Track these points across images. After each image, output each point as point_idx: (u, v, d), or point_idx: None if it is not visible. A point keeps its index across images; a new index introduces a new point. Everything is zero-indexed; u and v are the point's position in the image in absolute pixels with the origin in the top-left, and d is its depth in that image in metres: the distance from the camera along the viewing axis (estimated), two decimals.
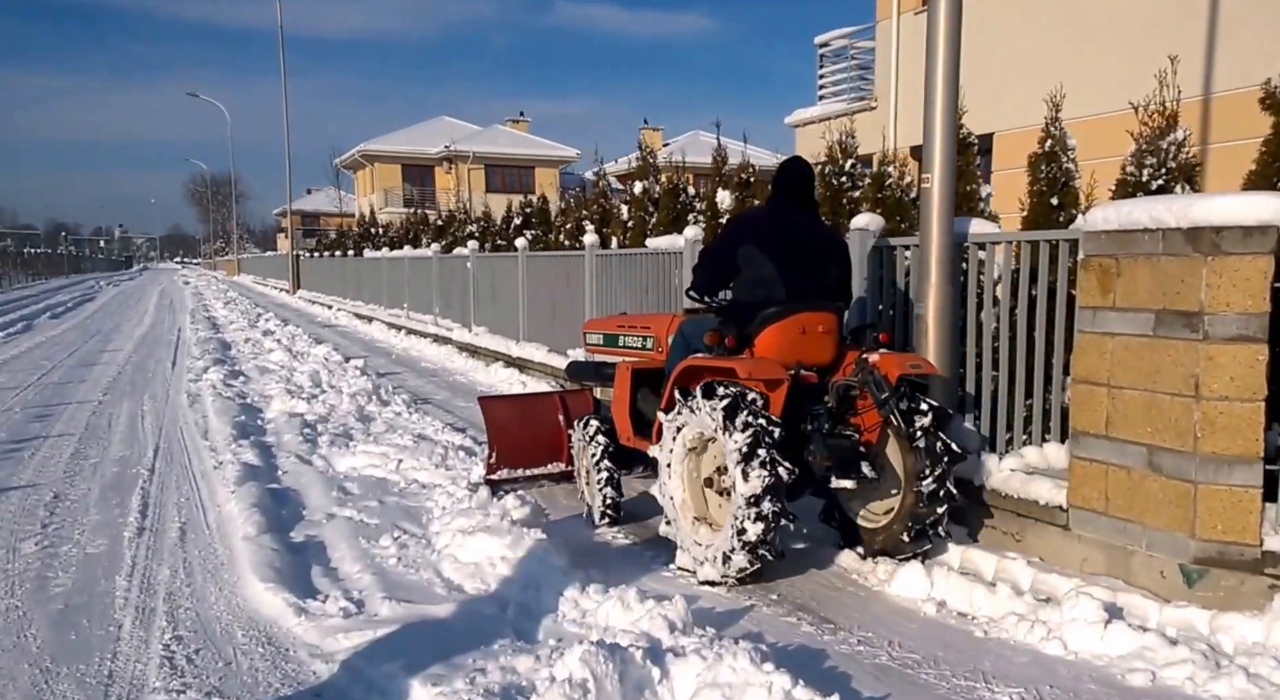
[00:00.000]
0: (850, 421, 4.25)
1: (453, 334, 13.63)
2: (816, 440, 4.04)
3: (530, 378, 10.31)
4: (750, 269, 4.29)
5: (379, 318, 18.57)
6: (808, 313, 4.26)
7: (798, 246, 4.32)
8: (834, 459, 4.00)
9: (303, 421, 7.96)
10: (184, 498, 5.78)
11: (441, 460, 6.26)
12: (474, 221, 15.33)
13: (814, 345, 4.27)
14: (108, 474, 6.37)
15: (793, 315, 4.22)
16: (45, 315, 22.38)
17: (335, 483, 5.90)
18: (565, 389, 6.09)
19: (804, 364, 4.22)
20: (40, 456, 6.86)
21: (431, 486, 5.75)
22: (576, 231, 10.86)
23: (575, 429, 5.31)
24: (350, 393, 8.93)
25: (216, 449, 7.09)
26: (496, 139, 46.87)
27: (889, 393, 3.99)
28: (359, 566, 4.28)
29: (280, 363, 11.91)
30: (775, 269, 4.24)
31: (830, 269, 4.43)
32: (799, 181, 4.52)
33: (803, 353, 4.23)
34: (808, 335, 4.24)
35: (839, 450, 4.06)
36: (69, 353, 14.06)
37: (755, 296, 4.28)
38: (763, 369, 3.98)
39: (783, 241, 4.30)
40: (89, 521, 5.20)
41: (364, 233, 24.67)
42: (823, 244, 4.46)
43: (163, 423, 8.34)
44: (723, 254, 4.41)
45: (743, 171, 7.73)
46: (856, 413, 4.27)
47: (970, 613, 3.78)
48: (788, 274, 4.25)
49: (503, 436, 5.67)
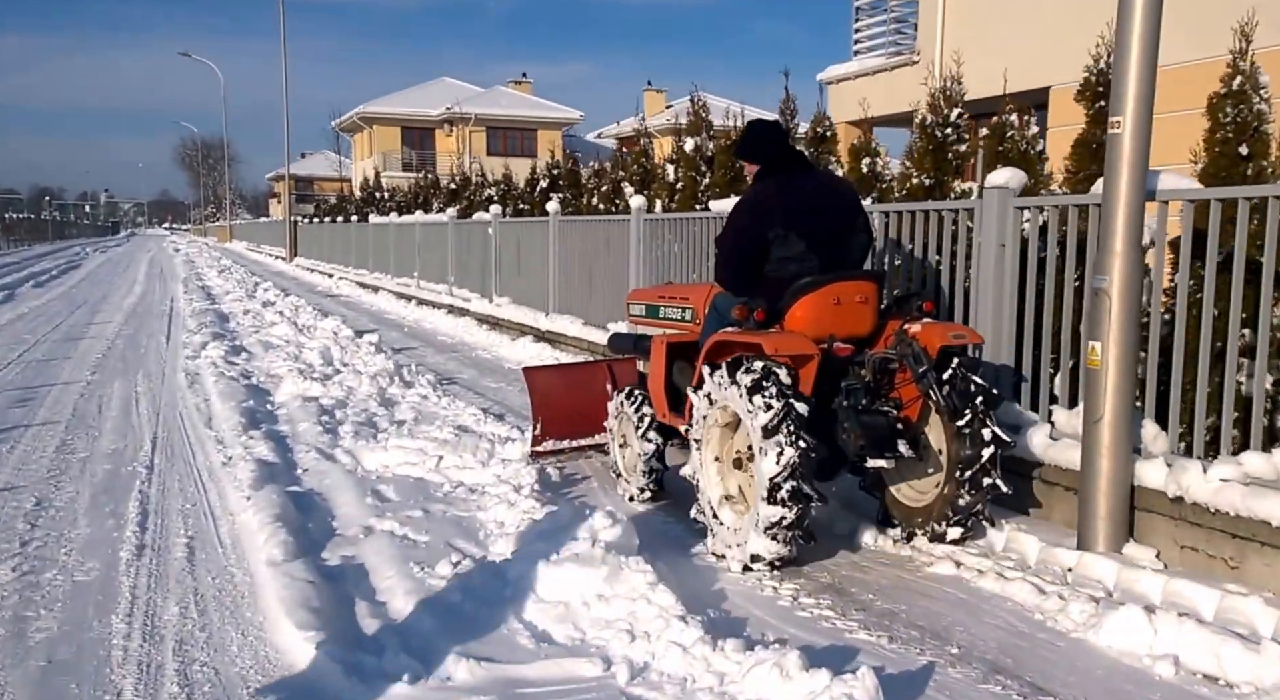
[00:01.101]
0: (889, 396, 4.01)
1: (470, 305, 12.70)
2: (850, 417, 3.82)
3: (563, 353, 9.42)
4: (779, 249, 4.10)
5: (386, 287, 17.61)
6: (843, 282, 4.04)
7: (823, 214, 4.14)
8: (868, 437, 3.79)
9: (319, 407, 7.07)
10: (190, 504, 4.90)
11: (488, 457, 5.38)
12: (492, 184, 14.29)
13: (849, 316, 4.05)
14: (99, 473, 5.48)
15: (826, 286, 4.01)
16: (28, 283, 21.30)
17: (367, 485, 5.02)
18: (612, 359, 5.83)
19: (838, 336, 4.01)
20: (21, 451, 5.96)
21: (480, 490, 4.88)
22: (614, 194, 9.90)
23: (615, 400, 5.11)
24: (371, 374, 8.02)
25: (224, 441, 6.19)
26: (498, 100, 45.51)
27: (928, 365, 3.77)
28: (415, 603, 3.41)
29: (285, 337, 10.98)
30: (806, 245, 4.06)
31: (856, 231, 4.25)
32: (784, 141, 4.35)
33: (837, 325, 4.02)
34: (842, 306, 4.02)
35: (874, 427, 3.83)
36: (53, 325, 13.09)
37: (787, 271, 4.09)
38: (790, 344, 3.79)
39: (808, 213, 4.10)
40: (77, 537, 4.32)
41: (367, 197, 23.57)
42: (844, 204, 4.27)
43: (160, 407, 7.43)
44: (748, 244, 4.16)
45: (818, 125, 6.78)
46: (895, 387, 4.03)
47: (1223, 678, 2.93)
48: (817, 246, 4.07)
49: (547, 407, 5.50)
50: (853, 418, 3.82)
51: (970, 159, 5.64)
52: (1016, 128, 5.16)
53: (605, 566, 3.16)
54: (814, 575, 3.87)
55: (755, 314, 3.89)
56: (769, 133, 4.38)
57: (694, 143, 8.34)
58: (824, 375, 3.85)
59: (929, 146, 5.66)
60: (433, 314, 14.22)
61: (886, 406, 3.96)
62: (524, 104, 45.96)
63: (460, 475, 5.16)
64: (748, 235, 4.16)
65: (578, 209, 10.83)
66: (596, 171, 10.71)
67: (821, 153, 6.78)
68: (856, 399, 3.87)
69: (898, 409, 3.98)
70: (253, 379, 8.48)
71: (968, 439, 3.78)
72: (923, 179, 5.63)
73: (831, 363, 3.93)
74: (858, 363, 4.00)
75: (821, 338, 3.94)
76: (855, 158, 6.20)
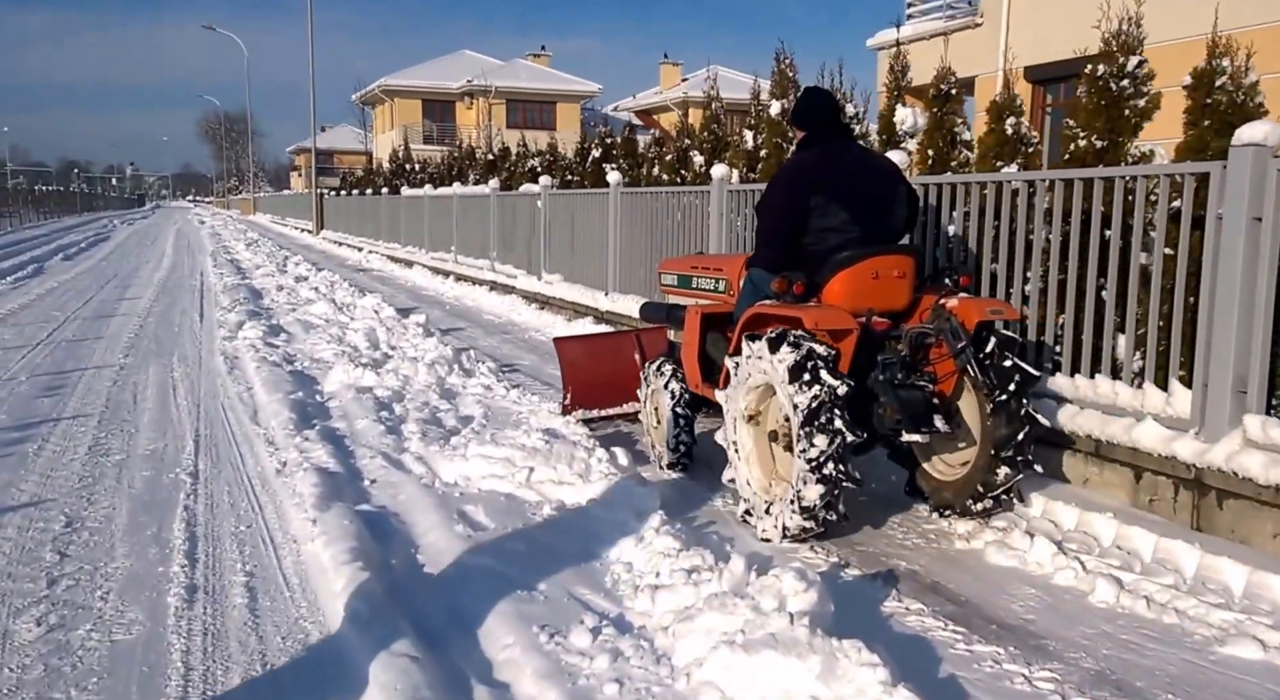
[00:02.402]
0: (925, 370, 3.97)
1: (516, 282, 11.93)
2: (886, 391, 3.81)
3: None
4: (820, 219, 4.04)
5: (421, 262, 16.88)
6: (881, 257, 4.00)
7: (865, 186, 4.10)
8: (904, 411, 3.78)
9: (375, 399, 6.34)
10: (244, 525, 4.17)
11: (585, 468, 4.61)
12: (536, 154, 13.44)
13: (887, 290, 4.02)
14: (137, 482, 4.77)
15: (865, 260, 3.97)
16: (57, 257, 20.73)
17: (450, 504, 4.27)
18: (641, 328, 5.81)
19: (875, 311, 4.01)
20: (50, 452, 5.26)
21: (587, 513, 4.11)
22: (679, 163, 9.05)
23: (647, 371, 5.10)
24: (428, 361, 7.26)
25: (274, 441, 5.47)
26: (518, 73, 44.64)
27: (965, 341, 3.73)
28: (554, 694, 2.64)
29: (325, 316, 10.26)
30: (849, 216, 4.01)
31: (897, 203, 4.19)
32: (834, 111, 4.28)
33: (875, 299, 4.00)
34: (881, 280, 4.00)
35: (910, 402, 3.81)
36: (83, 301, 12.45)
37: (826, 244, 4.04)
38: (830, 318, 3.77)
39: (851, 184, 4.06)
40: (114, 574, 3.60)
41: (397, 169, 22.76)
42: (886, 177, 4.21)
43: (199, 397, 6.73)
44: (791, 210, 4.08)
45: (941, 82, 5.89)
46: (931, 361, 3.99)
47: None
48: (860, 218, 4.03)
49: (577, 376, 5.61)
50: (889, 392, 3.79)
51: (1149, 116, 4.76)
52: (1231, 75, 4.25)
53: (816, 655, 2.36)
54: None
55: (795, 287, 3.87)
56: (822, 100, 4.32)
57: (780, 106, 7.46)
58: (861, 349, 3.85)
59: (1100, 102, 4.78)
60: (474, 290, 13.46)
61: (922, 381, 3.92)
62: (543, 77, 45.09)
63: (558, 492, 4.40)
64: (789, 202, 4.09)
65: (635, 180, 9.99)
66: (657, 140, 9.84)
67: (947, 113, 5.90)
68: (893, 373, 3.85)
69: (933, 383, 3.94)
70: (297, 364, 7.76)
71: (1004, 417, 3.74)
72: (1092, 140, 4.76)
73: (869, 336, 3.92)
74: (894, 337, 4.00)
75: (859, 311, 3.92)
76: (996, 117, 5.32)
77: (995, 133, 5.31)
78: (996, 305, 3.95)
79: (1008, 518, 4.06)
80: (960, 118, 5.87)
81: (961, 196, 5.12)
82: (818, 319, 3.73)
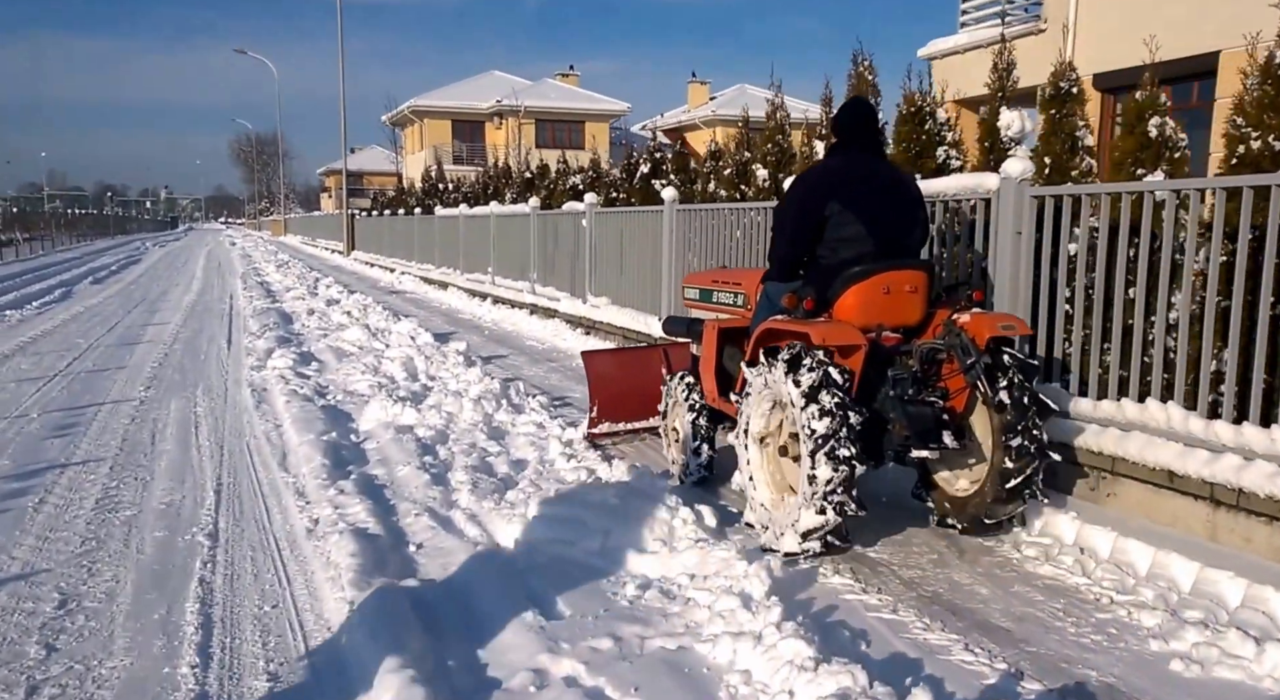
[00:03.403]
0: (937, 386, 3.93)
1: (559, 305, 11.27)
2: (896, 407, 3.80)
3: None
4: (835, 228, 4.00)
5: (456, 284, 16.31)
6: (893, 272, 3.96)
7: (885, 200, 4.05)
8: (913, 427, 3.77)
9: (416, 441, 5.69)
10: (269, 604, 3.50)
11: (669, 533, 3.90)
12: (577, 171, 12.83)
13: (899, 306, 3.99)
14: (147, 545, 4.12)
15: (876, 275, 3.93)
16: (87, 280, 20.43)
17: (512, 578, 3.58)
18: (669, 342, 5.86)
19: (886, 326, 3.99)
20: (51, 507, 4.64)
21: (681, 596, 3.39)
22: (739, 178, 8.36)
23: (669, 384, 5.12)
24: (473, 396, 6.60)
25: (305, 491, 4.82)
26: (547, 93, 44.44)
27: (975, 357, 3.73)
28: None
29: (359, 343, 9.66)
30: (864, 227, 3.96)
31: (915, 224, 4.15)
32: (870, 126, 4.19)
33: (885, 314, 3.98)
34: (892, 295, 3.96)
35: (919, 418, 3.80)
36: (108, 327, 11.95)
37: (838, 257, 4.01)
38: (837, 334, 3.73)
39: (870, 196, 4.02)
40: (109, 679, 2.93)
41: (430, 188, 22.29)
42: (906, 196, 4.15)
43: (224, 437, 6.10)
44: (808, 215, 4.04)
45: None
46: (943, 377, 3.95)
47: None
48: (875, 231, 3.97)
49: (604, 390, 5.65)
50: (899, 408, 3.79)
51: None
52: None
53: None
54: None
55: (805, 302, 3.83)
56: (856, 111, 4.22)
57: None
58: (872, 363, 3.82)
59: (1276, 95, 4.02)
60: (513, 314, 12.82)
61: (933, 397, 3.89)
62: (572, 96, 44.87)
63: (640, 563, 3.69)
64: (807, 204, 4.05)
65: (689, 196, 9.32)
66: (713, 154, 9.17)
67: (1065, 115, 5.16)
68: (903, 389, 3.83)
69: (945, 399, 3.90)
70: (329, 397, 7.14)
71: (1009, 407, 3.70)
72: (1269, 140, 4.00)
73: (879, 351, 3.90)
74: (905, 352, 3.96)
75: (870, 326, 3.91)
76: (1137, 118, 4.58)
77: (1135, 135, 4.57)
78: (1009, 320, 3.87)
79: (1204, 606, 3.28)
80: (1082, 120, 5.13)
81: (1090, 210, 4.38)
82: (825, 334, 3.69)
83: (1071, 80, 5.20)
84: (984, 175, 4.85)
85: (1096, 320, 4.30)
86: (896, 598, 3.50)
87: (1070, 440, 4.26)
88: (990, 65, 5.76)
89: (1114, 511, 4.02)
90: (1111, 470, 4.07)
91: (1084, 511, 3.98)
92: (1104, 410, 4.17)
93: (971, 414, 3.95)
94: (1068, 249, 4.56)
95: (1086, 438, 4.16)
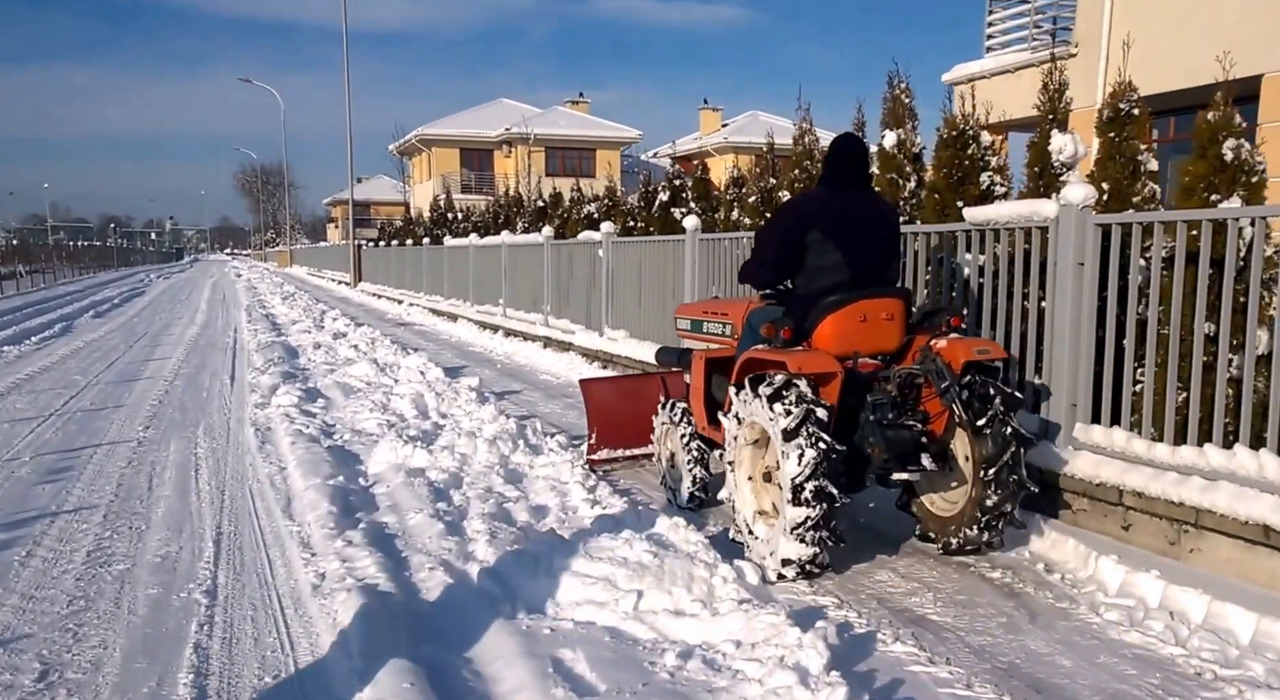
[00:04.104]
0: (917, 409, 4.01)
1: (574, 338, 10.97)
2: (874, 431, 3.89)
3: None
4: (815, 257, 4.11)
5: (465, 315, 16.03)
6: (869, 300, 4.08)
7: (864, 232, 4.16)
8: (892, 450, 3.86)
9: (429, 485, 5.35)
10: (270, 675, 3.16)
11: (708, 592, 3.54)
12: (591, 200, 12.58)
13: (875, 333, 4.11)
14: (140, 605, 3.78)
15: (852, 303, 4.06)
16: (88, 314, 20.19)
17: (537, 645, 3.22)
18: (666, 371, 5.82)
19: (864, 352, 4.12)
20: (39, 561, 4.29)
21: (728, 667, 3.03)
22: (764, 205, 8.09)
23: (662, 411, 5.24)
24: (486, 436, 6.26)
25: (310, 542, 4.49)
26: (557, 121, 44.37)
27: (950, 381, 3.81)
28: None
29: (367, 378, 9.33)
30: (842, 256, 4.07)
31: (894, 255, 4.29)
32: (858, 161, 4.29)
33: (862, 342, 4.11)
34: (869, 323, 4.08)
35: (898, 442, 3.88)
36: (108, 363, 11.65)
37: (817, 285, 4.12)
38: (813, 363, 3.85)
39: (850, 227, 4.12)
40: None
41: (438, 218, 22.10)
42: (887, 229, 4.28)
43: (224, 481, 5.77)
44: (788, 241, 4.17)
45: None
46: (922, 401, 4.02)
47: None
48: (854, 261, 4.08)
49: (602, 417, 5.78)
50: (877, 432, 3.88)
51: None
52: None
53: None
54: None
55: (783, 332, 3.97)
56: (842, 146, 4.31)
57: (895, 137, 6.47)
58: (851, 390, 3.92)
59: None
60: (525, 347, 12.52)
61: (912, 420, 3.97)
62: (583, 123, 44.73)
63: (678, 628, 3.33)
64: (788, 229, 4.17)
65: (710, 224, 9.05)
66: (734, 180, 8.91)
67: (1125, 138, 4.88)
68: (882, 413, 3.91)
69: (924, 422, 3.98)
70: (335, 436, 6.81)
71: (989, 439, 3.78)
72: None
73: (859, 377, 4.00)
74: (884, 377, 4.04)
75: (847, 354, 4.02)
76: (1209, 141, 4.28)
77: (1207, 158, 4.27)
78: (984, 345, 3.97)
79: None
80: (1144, 144, 4.83)
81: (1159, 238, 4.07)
82: (801, 362, 3.81)
83: (1132, 101, 4.93)
84: (1039, 202, 4.55)
85: (1173, 358, 3.97)
86: (969, 670, 3.14)
87: (1145, 490, 3.91)
88: (1018, 89, 5.49)
89: (1201, 569, 3.66)
90: (1195, 523, 3.71)
91: (1166, 569, 3.61)
92: (1184, 457, 3.82)
93: (952, 437, 4.03)
94: (1136, 280, 4.24)
95: (1164, 487, 3.81)
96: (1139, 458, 4.04)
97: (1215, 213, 3.91)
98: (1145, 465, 4.00)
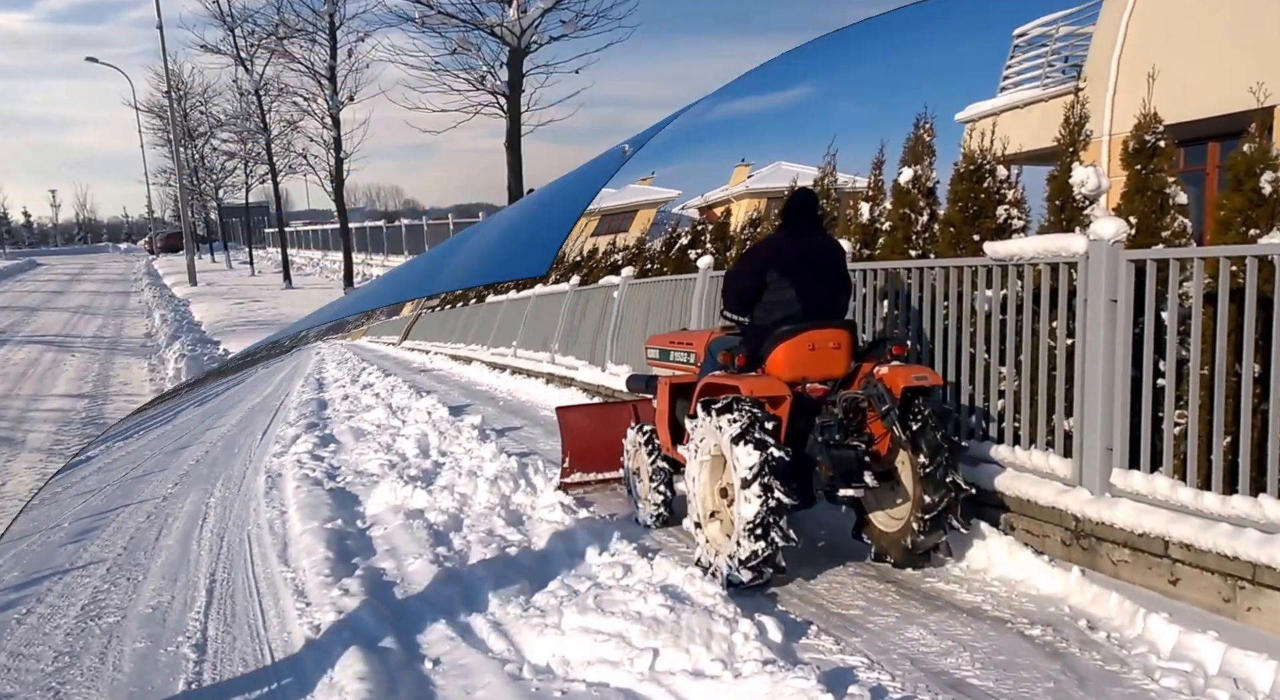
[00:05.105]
0: (863, 431, 4.32)
1: (577, 373, 10.85)
2: (822, 450, 4.18)
3: None
4: (771, 293, 4.51)
5: (479, 358, 16.02)
6: (817, 330, 4.42)
7: (815, 270, 4.56)
8: (837, 468, 4.16)
9: (428, 528, 5.21)
10: None
11: (729, 652, 3.30)
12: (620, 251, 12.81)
13: (823, 360, 4.43)
14: (125, 660, 3.60)
15: (802, 333, 4.39)
16: None
17: None
18: (638, 398, 6.02)
19: (812, 378, 4.44)
20: (35, 618, 4.14)
21: None
22: None
23: (630, 435, 5.47)
24: (487, 475, 6.06)
25: (305, 590, 4.30)
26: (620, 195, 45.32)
27: (890, 404, 4.13)
28: None
29: (379, 422, 9.16)
30: (795, 292, 4.46)
31: (842, 291, 4.69)
32: (811, 209, 4.71)
33: (812, 368, 4.42)
34: (817, 351, 4.40)
35: (842, 460, 4.18)
36: None
37: (772, 318, 4.49)
38: (763, 386, 4.16)
39: (802, 266, 4.51)
40: None
41: None
42: (836, 265, 4.68)
43: (226, 529, 5.59)
44: (752, 277, 4.59)
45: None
46: (867, 423, 4.34)
47: None
48: (805, 295, 4.46)
49: (576, 442, 5.94)
50: (824, 451, 4.16)
51: None
52: None
53: None
54: None
55: (737, 359, 4.27)
56: (798, 199, 4.72)
57: (913, 172, 6.32)
58: (801, 413, 4.26)
59: None
60: (528, 384, 12.35)
61: (858, 441, 4.25)
62: (636, 192, 45.49)
63: (698, 692, 3.08)
64: (754, 267, 4.58)
65: (723, 263, 8.92)
66: (752, 221, 8.80)
67: (1153, 171, 4.70)
68: (829, 435, 4.19)
69: (869, 444, 4.27)
70: (339, 479, 6.66)
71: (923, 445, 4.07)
72: None
73: (806, 402, 4.32)
74: (830, 402, 4.33)
75: (797, 380, 4.35)
76: (1246, 173, 4.10)
77: (1243, 192, 4.08)
78: (922, 372, 4.25)
79: None
80: (1172, 177, 4.65)
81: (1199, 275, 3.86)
82: (753, 387, 4.11)
83: (1158, 133, 4.76)
84: (1068, 237, 4.36)
85: (1219, 400, 3.73)
86: None
87: (1195, 542, 3.64)
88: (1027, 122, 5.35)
89: (1261, 630, 3.38)
90: (1253, 579, 3.44)
91: (1224, 630, 3.33)
92: (1236, 507, 3.56)
93: (895, 457, 4.31)
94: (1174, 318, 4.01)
95: (1217, 540, 3.53)
96: (1185, 507, 3.77)
97: (1260, 249, 3.69)
98: (1193, 515, 3.74)
